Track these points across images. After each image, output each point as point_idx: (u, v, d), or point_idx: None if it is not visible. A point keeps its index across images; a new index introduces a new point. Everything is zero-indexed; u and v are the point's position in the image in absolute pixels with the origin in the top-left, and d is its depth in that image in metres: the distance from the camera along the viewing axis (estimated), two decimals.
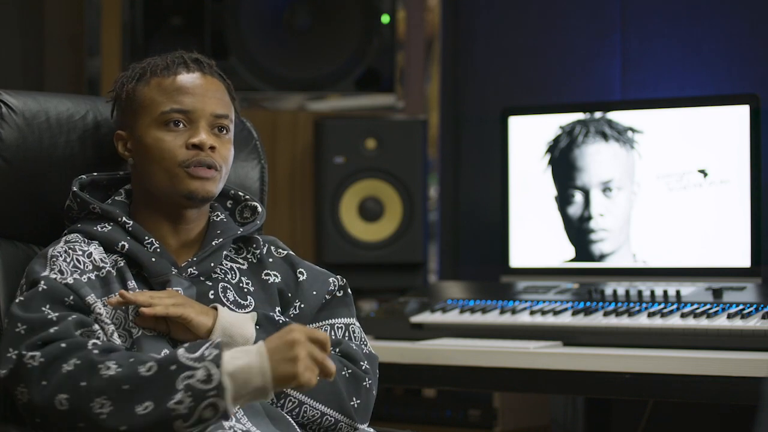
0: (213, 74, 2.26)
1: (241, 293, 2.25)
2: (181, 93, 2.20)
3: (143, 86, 2.22)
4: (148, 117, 2.21)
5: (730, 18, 3.50)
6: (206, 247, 2.24)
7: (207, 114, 2.20)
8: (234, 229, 2.28)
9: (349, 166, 3.71)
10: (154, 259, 2.19)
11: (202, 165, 2.18)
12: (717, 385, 2.63)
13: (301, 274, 2.32)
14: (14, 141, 2.29)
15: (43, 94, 2.37)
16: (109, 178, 2.30)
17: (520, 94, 3.85)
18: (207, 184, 2.19)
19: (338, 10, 3.84)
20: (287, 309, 2.28)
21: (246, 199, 2.35)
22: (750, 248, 3.05)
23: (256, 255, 2.31)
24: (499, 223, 3.38)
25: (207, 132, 2.20)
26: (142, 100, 2.22)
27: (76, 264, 2.14)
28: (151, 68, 2.23)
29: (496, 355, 2.87)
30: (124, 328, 2.13)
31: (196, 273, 2.21)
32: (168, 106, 2.19)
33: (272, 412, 2.16)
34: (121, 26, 3.81)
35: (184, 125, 2.20)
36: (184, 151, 2.18)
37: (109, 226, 2.21)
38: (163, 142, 2.18)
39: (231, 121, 2.25)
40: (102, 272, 2.15)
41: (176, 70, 2.22)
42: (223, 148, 2.22)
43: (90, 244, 2.18)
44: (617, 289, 3.05)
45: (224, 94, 2.26)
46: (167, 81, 2.21)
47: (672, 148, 3.16)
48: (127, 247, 2.18)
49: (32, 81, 3.90)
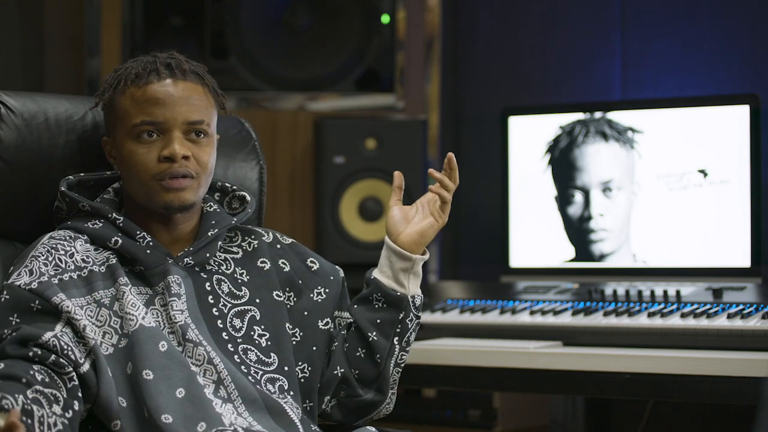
0: (187, 78, 2.22)
1: (235, 284, 2.26)
2: (152, 104, 2.18)
3: (119, 96, 2.22)
4: (123, 129, 2.21)
5: (730, 18, 3.50)
6: (202, 237, 2.24)
7: (179, 123, 2.19)
8: (228, 219, 2.29)
9: (349, 166, 3.71)
10: (149, 251, 2.19)
11: (176, 176, 2.18)
12: (717, 385, 2.63)
13: (313, 263, 2.37)
14: (13, 142, 2.29)
15: (42, 95, 2.37)
16: (96, 178, 2.30)
17: (520, 94, 3.85)
18: (182, 194, 2.19)
19: (338, 10, 3.84)
20: (301, 295, 2.32)
21: (233, 190, 2.36)
22: (750, 248, 3.05)
23: (252, 244, 2.32)
24: (499, 223, 3.37)
25: (180, 141, 2.18)
26: (118, 111, 2.22)
27: (58, 263, 2.15)
28: (125, 77, 2.21)
29: (496, 355, 2.87)
30: (109, 325, 2.13)
31: (192, 263, 2.22)
32: (139, 118, 2.18)
33: (273, 408, 2.17)
34: (121, 26, 3.81)
35: (157, 135, 2.19)
36: (156, 164, 2.18)
37: (99, 222, 2.21)
38: (136, 155, 2.18)
39: (208, 125, 2.23)
40: (84, 272, 2.16)
41: (147, 79, 2.20)
42: (202, 153, 2.20)
43: (75, 241, 2.18)
44: (617, 289, 3.05)
45: (200, 97, 2.23)
46: (139, 92, 2.19)
47: (672, 148, 3.16)
48: (120, 242, 2.19)
49: (32, 81, 3.90)
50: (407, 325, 2.35)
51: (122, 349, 2.12)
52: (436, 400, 3.56)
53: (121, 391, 2.10)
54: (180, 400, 2.08)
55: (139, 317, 2.13)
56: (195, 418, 2.08)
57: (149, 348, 2.11)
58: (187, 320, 2.16)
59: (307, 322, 2.31)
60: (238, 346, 2.20)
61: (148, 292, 2.19)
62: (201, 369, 2.13)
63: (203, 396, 2.10)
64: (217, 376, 2.14)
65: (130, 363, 2.10)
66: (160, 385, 2.09)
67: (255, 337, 2.23)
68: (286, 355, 2.24)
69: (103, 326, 2.13)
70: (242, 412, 2.12)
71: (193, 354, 2.14)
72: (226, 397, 2.13)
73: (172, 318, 2.16)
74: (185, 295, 2.19)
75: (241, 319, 2.23)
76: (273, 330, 2.25)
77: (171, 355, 2.12)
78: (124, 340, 2.12)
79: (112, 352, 2.12)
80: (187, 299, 2.19)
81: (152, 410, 2.07)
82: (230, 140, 2.56)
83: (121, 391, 2.09)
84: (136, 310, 2.14)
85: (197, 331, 2.16)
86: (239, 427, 2.08)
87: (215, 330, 2.19)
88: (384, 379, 2.34)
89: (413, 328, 2.36)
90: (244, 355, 2.20)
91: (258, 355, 2.21)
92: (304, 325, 2.30)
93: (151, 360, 2.10)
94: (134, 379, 2.09)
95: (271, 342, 2.24)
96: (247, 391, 2.15)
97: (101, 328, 2.12)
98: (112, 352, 2.12)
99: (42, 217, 2.29)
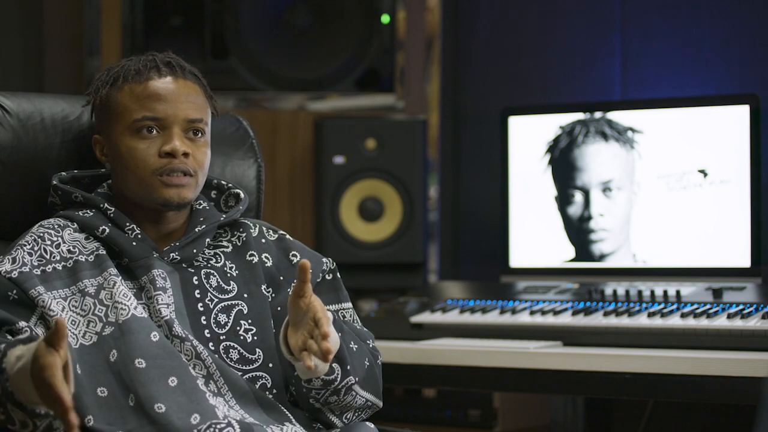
0: (186, 77, 2.24)
1: (224, 278, 2.26)
2: (153, 99, 2.19)
3: (116, 92, 2.22)
4: (121, 124, 2.21)
5: (730, 18, 3.49)
6: (189, 233, 2.24)
7: (180, 120, 2.20)
8: (217, 216, 2.29)
9: (349, 166, 3.71)
10: (135, 243, 2.20)
11: (176, 172, 2.19)
12: (717, 385, 2.63)
13: (295, 256, 2.33)
14: (9, 142, 2.29)
15: (38, 95, 2.37)
16: (89, 175, 2.31)
17: (520, 94, 3.85)
18: (182, 191, 2.20)
19: (338, 10, 3.84)
20: (279, 290, 2.29)
21: (229, 188, 2.36)
22: (750, 248, 3.05)
23: (242, 238, 2.32)
24: (499, 223, 3.37)
25: (180, 138, 2.19)
26: (116, 107, 2.22)
27: (43, 254, 2.16)
28: (123, 73, 2.22)
29: (496, 355, 2.86)
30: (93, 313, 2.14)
31: (178, 258, 2.22)
32: (140, 113, 2.19)
33: (264, 401, 2.17)
34: (121, 26, 3.81)
35: (157, 131, 2.20)
36: (157, 159, 2.19)
37: (90, 212, 2.22)
38: (136, 150, 2.19)
39: (206, 124, 2.24)
40: (69, 263, 2.17)
41: (148, 76, 2.21)
42: (198, 152, 2.22)
43: (64, 230, 2.19)
44: (617, 289, 3.05)
45: (198, 96, 2.24)
46: (139, 87, 2.20)
47: (672, 148, 3.16)
48: (107, 232, 2.19)
49: (32, 81, 3.90)
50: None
51: (107, 336, 2.12)
52: (436, 400, 3.56)
53: (102, 380, 2.09)
54: (172, 389, 2.08)
55: (131, 307, 2.14)
56: (188, 408, 2.07)
57: (141, 338, 2.11)
58: (172, 315, 2.16)
59: (279, 317, 2.26)
60: (219, 345, 2.19)
61: (133, 285, 2.19)
62: (191, 363, 2.14)
63: (196, 386, 2.10)
64: (206, 370, 2.14)
65: (114, 351, 2.10)
66: (153, 373, 2.09)
67: (241, 332, 2.22)
68: (273, 352, 2.23)
69: (87, 315, 2.14)
70: (233, 405, 2.12)
71: (182, 349, 2.14)
72: (216, 391, 2.13)
73: (159, 312, 2.16)
74: (171, 289, 2.19)
75: (227, 315, 2.23)
76: (259, 325, 2.24)
77: (163, 346, 2.12)
78: (109, 327, 2.12)
79: (95, 341, 2.12)
80: (173, 293, 2.19)
81: (144, 399, 2.07)
82: (228, 138, 2.56)
83: (101, 380, 2.09)
84: (128, 300, 2.14)
85: (181, 327, 2.16)
86: (233, 419, 2.07)
87: (197, 327, 2.19)
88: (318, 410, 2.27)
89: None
90: (225, 354, 2.19)
91: (241, 352, 2.20)
92: (277, 320, 2.27)
93: (143, 349, 2.10)
94: (120, 367, 2.09)
95: (258, 337, 2.23)
96: (238, 385, 2.15)
97: (85, 317, 2.13)
98: (95, 340, 2.12)
99: (38, 218, 2.29)
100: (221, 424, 2.04)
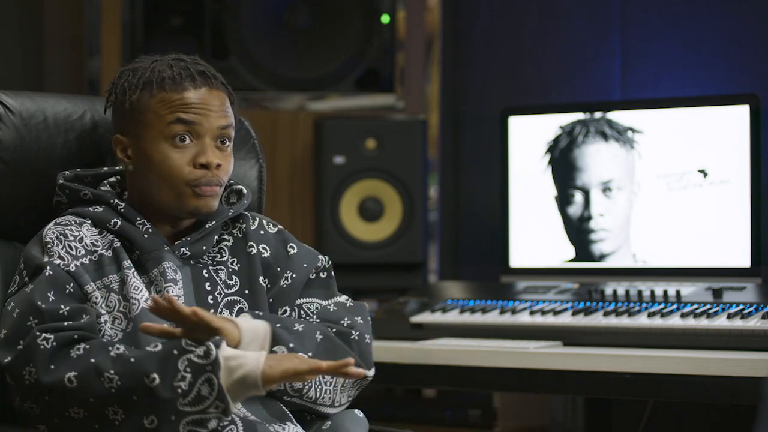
0: (218, 86, 2.25)
1: (228, 273, 2.28)
2: (189, 109, 2.20)
3: (148, 97, 2.22)
4: (154, 131, 2.21)
5: (730, 18, 3.50)
6: (200, 229, 2.26)
7: (213, 129, 2.22)
8: (225, 212, 2.31)
9: (349, 166, 3.71)
10: (146, 235, 2.21)
11: (210, 185, 2.21)
12: (717, 385, 2.63)
13: (292, 248, 2.35)
14: (12, 142, 2.29)
15: (40, 94, 2.36)
16: (93, 173, 2.30)
17: (520, 94, 3.85)
18: (210, 200, 2.22)
19: (338, 10, 3.84)
20: (276, 281, 2.31)
21: (231, 184, 2.37)
22: (750, 248, 3.05)
23: (242, 229, 2.33)
24: (499, 223, 3.37)
25: (212, 149, 2.21)
26: (147, 113, 2.21)
27: (68, 250, 2.16)
28: (157, 80, 2.22)
29: (496, 355, 2.87)
30: (118, 310, 2.15)
31: (188, 254, 2.23)
32: (176, 123, 2.20)
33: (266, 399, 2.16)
34: (121, 26, 3.81)
35: (190, 140, 2.21)
36: (191, 169, 2.20)
37: (100, 207, 2.23)
38: (170, 159, 2.20)
39: (233, 128, 2.27)
40: (95, 256, 2.18)
41: (183, 86, 2.21)
42: (226, 162, 2.24)
43: (82, 226, 2.20)
44: (617, 289, 3.05)
45: (226, 103, 2.26)
46: (174, 96, 2.21)
47: (672, 148, 3.16)
48: (119, 224, 2.20)
49: (32, 81, 3.90)
50: None
51: (129, 333, 2.13)
52: (436, 400, 3.56)
53: None
54: None
55: (141, 300, 2.15)
56: None
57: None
58: None
59: (272, 308, 2.29)
60: None
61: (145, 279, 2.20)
62: None
63: None
64: None
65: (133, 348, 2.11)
66: None
67: None
68: None
69: (113, 312, 2.15)
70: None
71: None
72: None
73: None
74: (181, 281, 2.20)
75: (230, 311, 2.24)
76: None
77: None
78: (131, 324, 2.14)
79: (121, 338, 2.13)
80: (183, 285, 2.20)
81: None
82: None
83: None
84: (139, 293, 2.16)
85: None
86: (236, 416, 2.09)
87: None
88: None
89: None
90: None
91: None
92: (270, 310, 2.28)
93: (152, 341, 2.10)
94: None
95: None
96: None
97: (111, 314, 2.15)
98: (121, 338, 2.13)
99: (41, 217, 2.28)
100: (225, 422, 2.05)
